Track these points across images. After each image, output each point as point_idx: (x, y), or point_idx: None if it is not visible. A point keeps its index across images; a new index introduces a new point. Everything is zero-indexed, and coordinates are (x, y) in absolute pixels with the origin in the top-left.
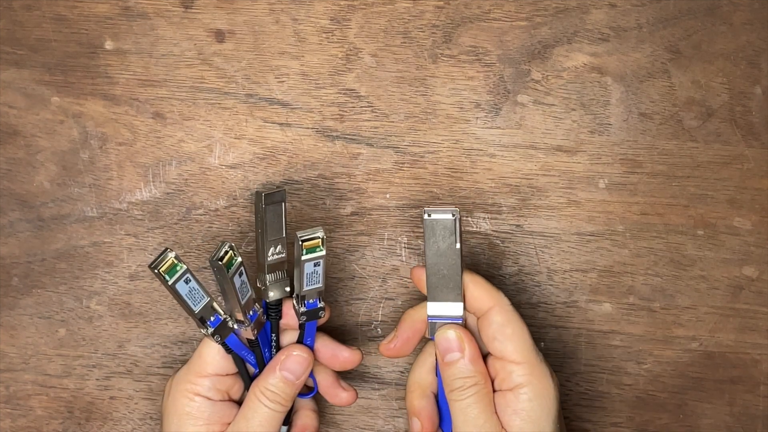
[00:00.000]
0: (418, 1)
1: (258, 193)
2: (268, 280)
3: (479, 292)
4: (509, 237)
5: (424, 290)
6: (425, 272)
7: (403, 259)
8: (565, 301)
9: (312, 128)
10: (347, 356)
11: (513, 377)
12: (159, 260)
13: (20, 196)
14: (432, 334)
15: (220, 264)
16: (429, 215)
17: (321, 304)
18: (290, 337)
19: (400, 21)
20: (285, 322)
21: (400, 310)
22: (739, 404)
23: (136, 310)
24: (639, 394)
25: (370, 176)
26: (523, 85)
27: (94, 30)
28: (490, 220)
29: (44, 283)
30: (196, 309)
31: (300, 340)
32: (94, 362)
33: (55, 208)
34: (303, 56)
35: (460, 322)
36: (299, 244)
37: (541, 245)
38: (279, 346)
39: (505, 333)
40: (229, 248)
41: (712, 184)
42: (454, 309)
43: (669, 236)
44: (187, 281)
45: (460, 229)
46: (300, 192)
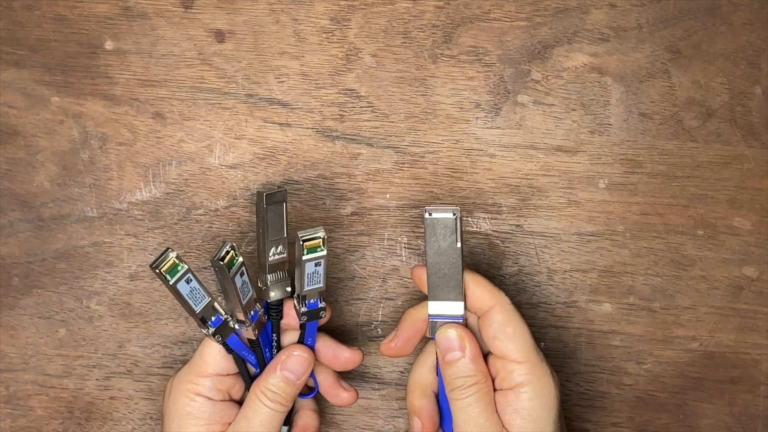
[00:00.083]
0: (418, 1)
1: (259, 193)
2: (269, 280)
3: (480, 292)
4: (509, 237)
5: (425, 289)
6: (426, 271)
7: (403, 259)
8: (565, 301)
9: (312, 128)
10: (348, 356)
11: (514, 376)
12: (160, 260)
13: (20, 196)
14: (433, 334)
15: (222, 264)
16: (430, 214)
17: (322, 304)
18: (291, 337)
19: (400, 21)
20: (286, 322)
21: (400, 310)
22: (739, 404)
23: (136, 310)
24: (639, 394)
25: (370, 176)
26: (523, 85)
27: (94, 30)
28: (490, 220)
29: (44, 283)
30: (197, 309)
31: (301, 340)
32: (94, 362)
33: (55, 208)
34: (303, 56)
35: (461, 322)
36: (300, 244)
37: (541, 245)
38: (280, 346)
39: (505, 332)
40: (230, 248)
41: (712, 184)
42: (455, 308)
43: (669, 236)
44: (188, 281)
45: (461, 228)
46: (300, 192)
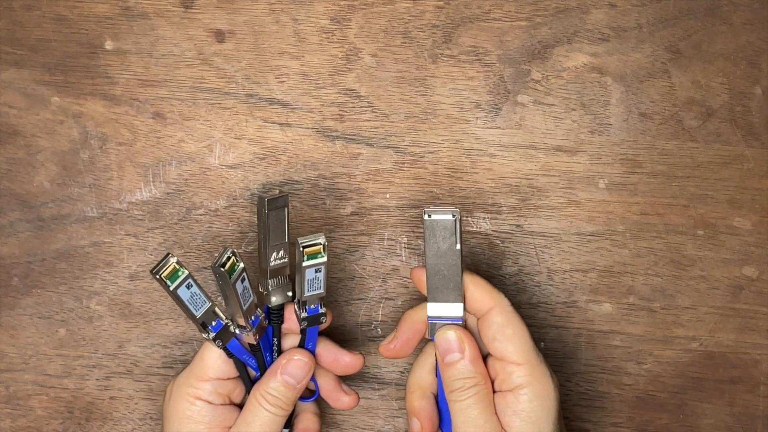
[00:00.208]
0: (418, 1)
1: (261, 199)
2: (270, 285)
3: (479, 293)
4: (509, 237)
5: (424, 291)
6: (425, 273)
7: (403, 259)
8: (565, 301)
9: (312, 128)
10: (349, 361)
11: (513, 378)
12: (160, 265)
13: (20, 196)
14: (432, 335)
15: (223, 271)
16: (429, 216)
17: (322, 310)
18: (292, 340)
19: (400, 21)
20: (287, 327)
21: (400, 310)
22: (739, 404)
23: (136, 310)
24: (639, 394)
25: (370, 176)
26: (523, 85)
27: (94, 30)
28: (490, 220)
29: (44, 283)
30: (198, 314)
31: (301, 345)
32: (94, 362)
33: (55, 208)
34: (303, 56)
35: (460, 323)
36: (300, 251)
37: (541, 245)
38: (280, 349)
39: (505, 334)
40: (231, 254)
41: (712, 184)
42: (454, 310)
43: (669, 236)
44: (189, 286)
45: (461, 230)
46: (300, 192)
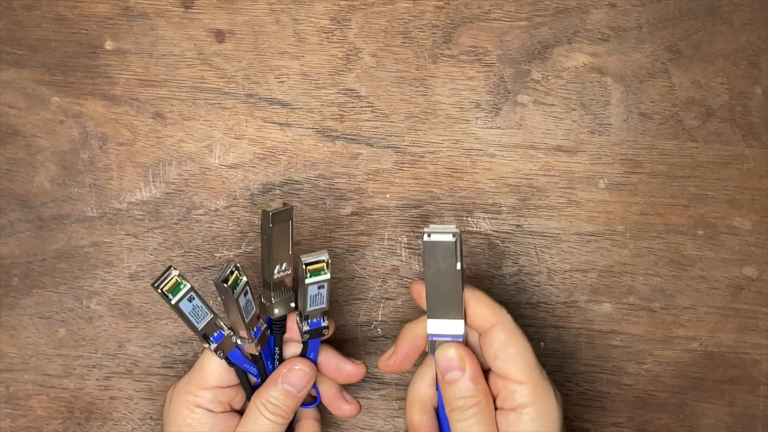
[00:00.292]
0: (418, 1)
1: (265, 213)
2: (273, 297)
3: (481, 309)
4: (509, 237)
5: (424, 306)
6: (425, 290)
7: (403, 259)
8: (565, 301)
9: (312, 128)
10: (351, 370)
11: (516, 397)
12: (162, 278)
13: (20, 196)
14: (432, 352)
15: (226, 287)
16: (428, 236)
17: (325, 323)
18: (294, 349)
19: (400, 21)
20: (288, 336)
21: (400, 310)
22: (739, 404)
23: (136, 310)
24: (639, 394)
25: (370, 176)
26: (523, 85)
27: (94, 30)
28: (490, 220)
29: (44, 283)
30: (200, 326)
31: (303, 354)
32: (94, 362)
33: (55, 208)
34: (303, 56)
35: (461, 340)
36: (303, 268)
37: (541, 245)
38: (282, 358)
39: (507, 352)
40: (234, 268)
41: (712, 184)
42: (455, 327)
43: (669, 236)
44: (191, 299)
45: (461, 250)
46: (300, 192)
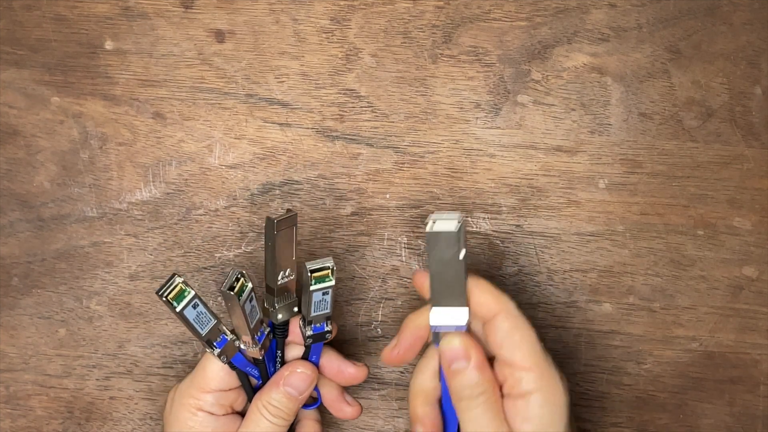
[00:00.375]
0: (418, 1)
1: (269, 220)
2: (277, 302)
3: (485, 298)
4: (509, 237)
5: (427, 296)
6: (428, 280)
7: (403, 259)
8: (565, 301)
9: (312, 128)
10: (353, 372)
11: (522, 384)
12: (166, 286)
13: (20, 196)
14: (436, 342)
15: (232, 294)
16: (432, 225)
17: (328, 328)
18: (296, 351)
19: (400, 21)
20: (291, 339)
21: (400, 310)
22: (739, 404)
23: (136, 310)
24: (639, 394)
25: (370, 176)
26: (523, 85)
27: (94, 30)
28: (490, 220)
29: (44, 283)
30: (203, 332)
31: (305, 356)
32: (94, 362)
33: (55, 208)
34: (303, 56)
35: (465, 330)
36: (308, 275)
37: (541, 245)
38: (284, 361)
39: (512, 340)
40: (239, 275)
41: (712, 184)
42: (459, 316)
43: (669, 236)
44: (195, 306)
45: (465, 239)
46: (300, 192)
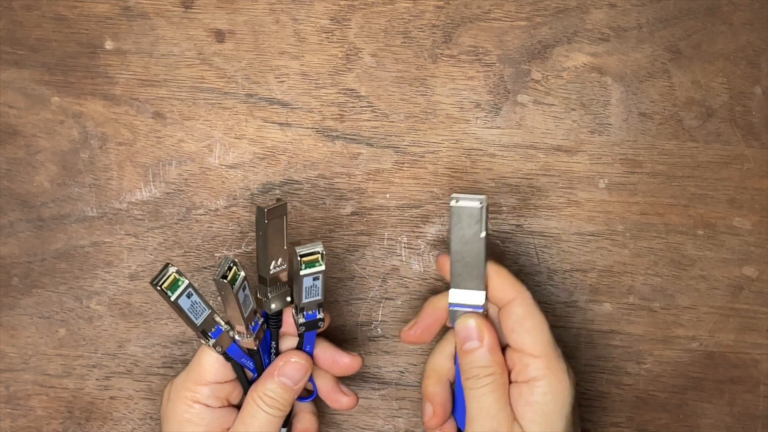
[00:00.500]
0: (418, 1)
1: (260, 209)
2: (270, 292)
3: (501, 283)
4: (509, 237)
5: (448, 277)
6: (449, 259)
7: (403, 259)
8: (565, 301)
9: (312, 128)
10: (347, 362)
11: (529, 370)
12: (160, 276)
13: (20, 196)
14: (452, 322)
15: (225, 282)
16: (456, 201)
17: (320, 315)
18: (290, 342)
19: (400, 21)
20: (285, 329)
21: (400, 310)
22: (739, 404)
23: (136, 310)
24: (639, 394)
25: (370, 176)
26: (523, 85)
27: (94, 30)
28: (490, 220)
29: (44, 283)
30: (198, 322)
31: (299, 347)
32: (94, 362)
33: (55, 208)
34: (303, 56)
35: (481, 311)
36: (298, 260)
37: (541, 245)
38: (278, 352)
39: (524, 326)
40: (232, 264)
41: (712, 184)
42: (476, 297)
43: (669, 236)
44: (189, 295)
45: (487, 218)
46: (300, 192)
